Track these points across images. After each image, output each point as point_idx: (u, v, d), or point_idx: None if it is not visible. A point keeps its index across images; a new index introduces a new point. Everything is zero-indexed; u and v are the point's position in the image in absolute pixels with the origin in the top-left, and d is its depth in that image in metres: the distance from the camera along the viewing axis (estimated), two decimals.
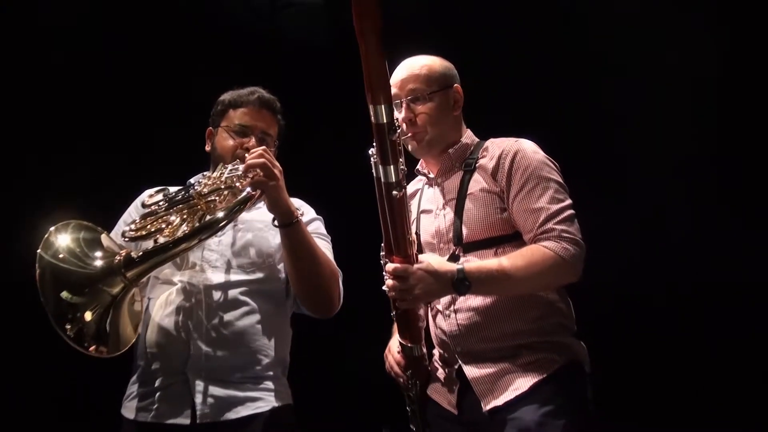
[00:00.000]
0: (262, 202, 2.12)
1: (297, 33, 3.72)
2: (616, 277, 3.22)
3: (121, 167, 3.43)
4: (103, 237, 2.03)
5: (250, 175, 1.99)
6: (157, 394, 2.05)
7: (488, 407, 1.92)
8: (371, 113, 1.73)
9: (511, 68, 3.47)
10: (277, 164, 2.04)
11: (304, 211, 2.28)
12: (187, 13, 3.68)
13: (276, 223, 2.05)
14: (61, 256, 1.90)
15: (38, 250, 1.87)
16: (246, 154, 2.08)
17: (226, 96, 2.32)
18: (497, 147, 2.11)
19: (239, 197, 1.98)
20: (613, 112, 3.39)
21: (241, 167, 2.04)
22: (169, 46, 3.65)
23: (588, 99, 3.42)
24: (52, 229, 1.93)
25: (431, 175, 2.22)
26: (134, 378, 2.13)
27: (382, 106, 1.71)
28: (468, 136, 2.20)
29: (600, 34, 3.33)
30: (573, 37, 3.44)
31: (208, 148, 2.34)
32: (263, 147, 2.08)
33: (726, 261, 3.20)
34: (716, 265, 3.20)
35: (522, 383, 1.91)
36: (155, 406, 2.04)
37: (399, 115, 2.11)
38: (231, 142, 2.22)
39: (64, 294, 1.86)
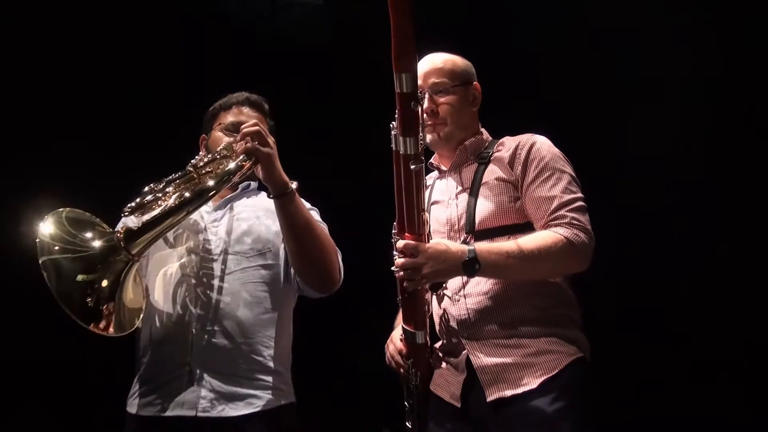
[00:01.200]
0: (261, 193, 2.14)
1: (297, 33, 3.74)
2: (612, 273, 3.22)
3: (118, 171, 3.40)
4: (96, 221, 2.02)
5: (245, 141, 2.03)
6: (162, 387, 2.04)
7: (492, 398, 1.90)
8: (396, 82, 1.71)
9: (511, 68, 3.49)
10: (271, 136, 2.07)
11: None
12: (186, 13, 3.69)
13: (271, 195, 2.06)
14: (59, 248, 1.89)
15: (38, 253, 1.86)
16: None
17: (216, 103, 2.38)
18: (513, 141, 2.14)
19: (232, 165, 2.01)
20: (613, 112, 3.41)
21: (238, 137, 2.07)
22: (168, 46, 3.65)
23: (585, 99, 3.44)
24: (40, 225, 1.92)
25: (444, 168, 2.24)
26: (138, 374, 2.13)
27: (408, 75, 1.70)
28: (484, 132, 2.24)
29: (602, 33, 3.35)
30: (574, 37, 3.46)
31: (202, 153, 2.35)
32: (254, 121, 2.11)
33: (724, 258, 3.21)
34: (714, 263, 3.21)
35: (531, 379, 1.89)
36: (159, 399, 2.03)
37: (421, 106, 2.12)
38: (225, 139, 2.25)
39: (80, 277, 1.87)
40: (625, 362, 3.19)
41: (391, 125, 1.82)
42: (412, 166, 1.78)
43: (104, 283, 1.88)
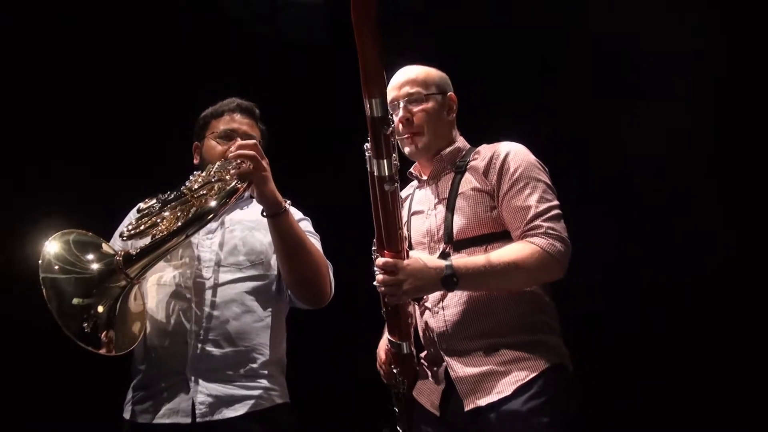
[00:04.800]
0: (252, 202, 2.17)
1: (297, 33, 3.74)
2: (600, 277, 3.19)
3: (119, 176, 3.42)
4: (101, 243, 2.05)
5: (238, 162, 2.05)
6: (158, 395, 2.08)
7: (469, 408, 1.93)
8: (366, 107, 1.74)
9: (504, 71, 3.47)
10: (265, 157, 2.09)
11: (291, 212, 2.31)
12: (186, 13, 3.69)
13: (264, 213, 2.09)
14: (59, 267, 1.91)
15: (39, 272, 1.89)
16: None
17: (207, 111, 2.41)
18: (488, 149, 2.15)
19: (228, 188, 2.03)
20: (606, 113, 3.39)
21: (231, 156, 2.09)
22: (167, 46, 3.65)
23: (581, 100, 3.42)
24: (46, 243, 1.94)
25: (423, 178, 2.26)
26: (134, 382, 2.16)
27: (377, 100, 1.72)
28: (461, 141, 2.25)
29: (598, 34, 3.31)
30: (569, 36, 3.43)
31: (196, 161, 2.40)
32: (253, 141, 2.12)
33: (727, 259, 3.18)
34: (716, 264, 3.18)
35: (506, 386, 1.91)
36: (156, 407, 2.06)
37: (396, 116, 2.14)
38: (219, 148, 2.29)
39: (76, 300, 1.89)
40: (625, 364, 3.20)
41: (364, 147, 1.84)
42: (387, 188, 1.80)
43: (100, 308, 1.92)
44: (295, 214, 2.34)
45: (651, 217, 3.33)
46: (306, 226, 2.34)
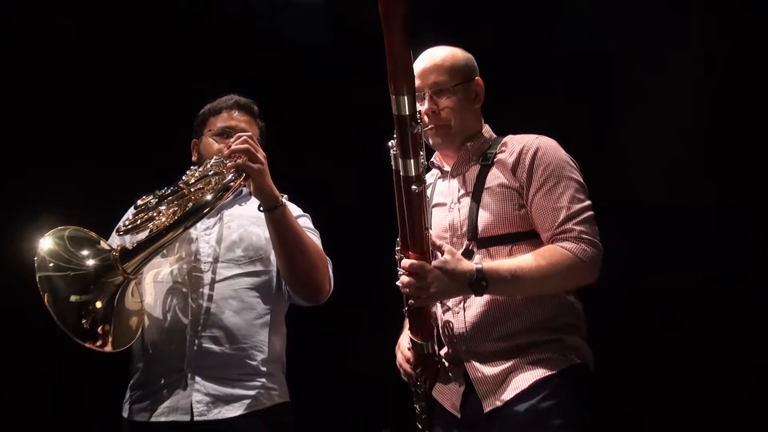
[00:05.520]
0: (251, 199, 2.17)
1: (297, 33, 3.72)
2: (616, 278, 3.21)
3: (118, 174, 3.39)
4: (97, 240, 2.04)
5: (235, 157, 2.05)
6: (157, 393, 2.08)
7: (488, 409, 1.89)
8: (393, 104, 1.66)
9: (508, 67, 3.47)
10: (261, 150, 2.08)
11: (290, 207, 2.30)
12: (186, 12, 3.67)
13: (261, 208, 2.08)
14: (53, 265, 1.92)
15: (35, 271, 1.88)
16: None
17: (205, 107, 2.40)
18: (517, 143, 2.07)
19: (224, 181, 2.03)
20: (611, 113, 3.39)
21: (225, 154, 2.08)
22: (167, 45, 3.64)
23: (584, 99, 3.41)
24: (41, 240, 1.94)
25: (446, 168, 2.17)
26: (132, 380, 2.16)
27: (405, 97, 1.64)
28: (486, 131, 2.16)
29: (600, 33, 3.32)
30: (573, 36, 3.44)
31: (194, 158, 2.39)
32: (248, 133, 2.12)
33: (722, 261, 3.20)
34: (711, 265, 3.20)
35: (522, 382, 1.88)
36: (154, 405, 2.06)
37: (421, 107, 2.05)
38: (216, 146, 2.28)
39: (74, 297, 1.89)
40: (631, 369, 3.21)
41: (389, 144, 1.77)
42: (414, 188, 1.74)
43: (98, 304, 1.92)
44: (295, 210, 2.33)
45: (650, 218, 3.34)
46: (305, 222, 2.33)
